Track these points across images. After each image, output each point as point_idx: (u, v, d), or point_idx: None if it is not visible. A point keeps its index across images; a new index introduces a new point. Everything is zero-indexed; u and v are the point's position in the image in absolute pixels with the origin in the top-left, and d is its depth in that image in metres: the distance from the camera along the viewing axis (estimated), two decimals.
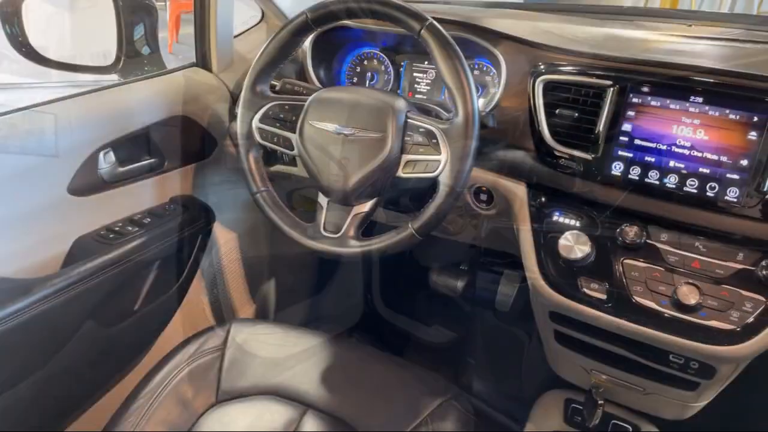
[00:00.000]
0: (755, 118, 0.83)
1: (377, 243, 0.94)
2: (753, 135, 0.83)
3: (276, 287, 1.74)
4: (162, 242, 1.22)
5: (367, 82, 1.30)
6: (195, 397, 1.06)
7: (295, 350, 1.13)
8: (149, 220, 1.21)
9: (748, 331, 0.84)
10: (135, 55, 1.31)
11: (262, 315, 1.71)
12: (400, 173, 0.93)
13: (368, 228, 0.99)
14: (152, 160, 1.25)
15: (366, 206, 0.97)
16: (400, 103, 0.95)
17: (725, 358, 0.87)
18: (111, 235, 1.14)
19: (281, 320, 1.73)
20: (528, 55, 1.03)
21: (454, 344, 1.86)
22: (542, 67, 0.99)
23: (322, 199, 1.00)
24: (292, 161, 1.19)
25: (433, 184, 0.91)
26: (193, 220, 1.31)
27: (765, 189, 0.83)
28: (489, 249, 1.48)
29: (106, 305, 1.13)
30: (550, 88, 0.97)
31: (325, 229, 0.98)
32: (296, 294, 1.86)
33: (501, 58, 1.07)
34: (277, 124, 1.02)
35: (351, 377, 1.09)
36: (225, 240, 1.51)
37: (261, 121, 1.03)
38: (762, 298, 0.84)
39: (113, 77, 1.30)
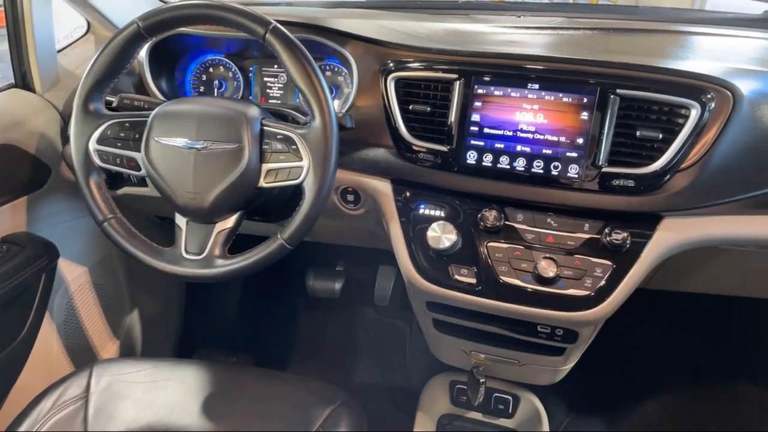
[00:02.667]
0: (585, 100, 0.91)
1: (246, 259, 0.89)
2: (585, 115, 0.91)
3: (140, 319, 1.61)
4: None
5: (216, 90, 1.24)
6: None
7: (170, 384, 1.05)
8: None
9: (601, 295, 0.92)
10: None
11: (127, 352, 1.57)
12: (262, 183, 0.90)
13: (237, 242, 0.94)
14: None
15: (230, 221, 0.92)
16: (254, 111, 0.92)
17: (585, 321, 0.95)
18: None
19: (150, 354, 1.61)
20: (376, 54, 1.04)
21: (338, 347, 1.85)
22: (391, 64, 1.00)
23: (180, 220, 0.93)
24: (142, 181, 1.10)
25: (299, 190, 0.89)
26: (33, 259, 1.16)
27: (600, 163, 0.91)
28: (362, 247, 1.49)
29: None
30: (401, 84, 0.99)
31: (186, 251, 0.92)
32: (164, 323, 1.74)
33: (351, 58, 1.07)
34: (119, 144, 0.94)
35: (234, 401, 1.03)
36: (74, 276, 1.36)
37: (99, 142, 0.94)
38: (609, 263, 0.93)
39: None
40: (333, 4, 1.45)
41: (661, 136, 0.88)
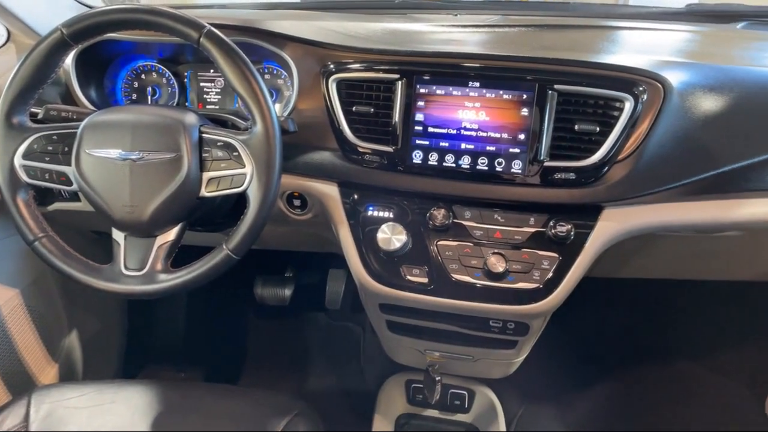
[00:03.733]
0: (524, 96, 0.92)
1: (190, 272, 0.86)
2: (525, 111, 0.92)
3: (80, 340, 1.53)
4: None
5: (149, 98, 1.19)
6: None
7: (115, 407, 1.00)
8: None
9: (549, 286, 0.94)
10: None
11: (67, 376, 1.49)
12: (204, 193, 0.87)
13: (180, 255, 0.91)
14: None
15: (171, 234, 0.88)
16: (191, 117, 0.88)
17: (535, 314, 0.97)
18: None
19: (93, 377, 1.54)
20: (316, 56, 1.02)
21: (291, 355, 1.81)
22: (332, 66, 0.99)
23: (118, 235, 0.89)
24: (74, 196, 1.05)
25: (243, 198, 0.86)
26: None
27: (541, 158, 0.92)
28: (311, 252, 1.46)
29: None
30: (343, 86, 0.98)
31: (126, 267, 0.88)
32: (106, 343, 1.66)
33: (290, 60, 1.05)
34: (47, 159, 0.88)
35: (185, 420, 1.00)
36: (5, 299, 1.28)
37: (25, 157, 0.88)
38: (555, 255, 0.95)
39: None
40: (269, 5, 1.42)
41: (598, 129, 0.91)
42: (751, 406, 1.61)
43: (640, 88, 0.90)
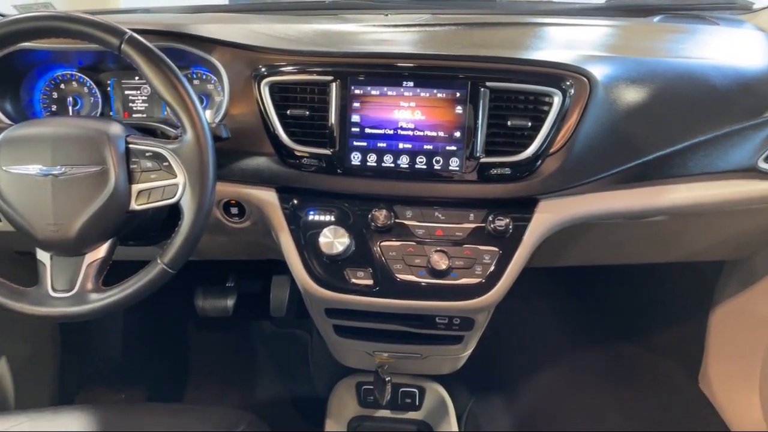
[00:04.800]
0: (458, 94, 0.93)
1: (124, 290, 0.82)
2: (459, 109, 0.93)
3: (9, 368, 1.44)
4: None
5: (71, 109, 1.12)
6: None
7: None
8: None
9: (492, 280, 0.96)
10: None
11: None
12: (134, 206, 0.83)
13: (113, 272, 0.87)
14: None
15: (101, 251, 0.84)
16: (116, 128, 0.84)
17: (479, 308, 0.98)
18: None
19: (26, 405, 1.45)
20: (246, 59, 1.00)
21: (237, 367, 1.77)
22: (263, 69, 0.97)
23: (43, 255, 0.84)
24: None
25: (177, 209, 0.83)
26: None
27: (477, 154, 0.94)
28: (253, 260, 1.43)
29: None
30: (276, 89, 0.96)
31: (54, 288, 0.83)
32: (38, 369, 1.57)
33: (219, 64, 1.02)
34: None
35: None
36: None
37: None
38: (496, 249, 0.96)
39: None
40: (194, 9, 1.38)
41: (530, 124, 0.93)
42: (686, 382, 1.70)
43: (567, 83, 0.93)
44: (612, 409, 1.59)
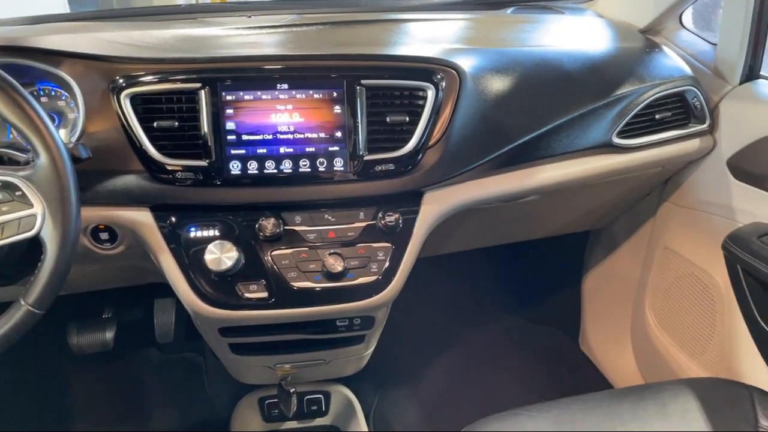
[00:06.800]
0: (334, 94, 0.92)
1: None
2: (338, 109, 0.93)
3: None
4: None
5: None
6: None
7: None
8: None
9: (388, 276, 0.96)
10: None
11: None
12: None
13: None
14: None
15: None
16: None
17: (378, 305, 0.98)
18: None
19: None
20: (101, 71, 0.91)
21: (126, 402, 1.63)
22: (121, 81, 0.89)
23: None
24: None
25: (38, 242, 0.74)
26: None
27: (360, 153, 0.94)
28: (132, 286, 1.33)
29: None
30: (138, 101, 0.89)
31: None
32: None
33: (69, 78, 0.92)
34: None
35: None
36: None
37: None
38: (389, 245, 0.97)
39: None
40: (32, 19, 1.23)
41: (407, 119, 0.95)
42: (567, 345, 1.83)
43: (438, 76, 0.96)
44: (511, 384, 1.67)
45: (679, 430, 0.89)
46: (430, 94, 0.95)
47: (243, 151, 0.91)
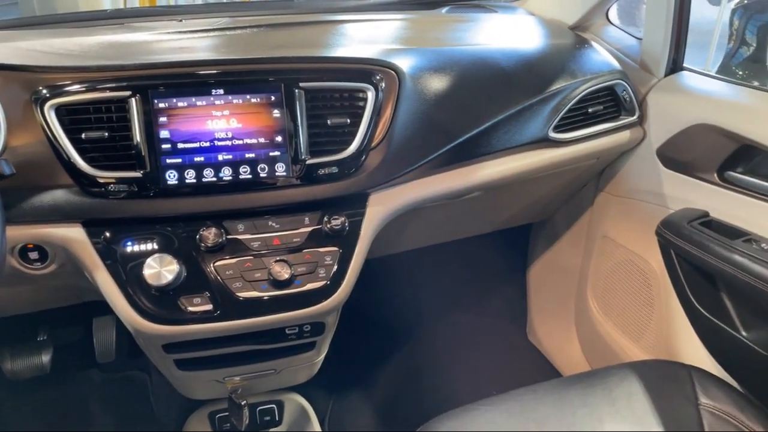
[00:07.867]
0: (273, 98, 0.91)
1: None
2: (277, 113, 0.91)
3: None
4: None
5: None
6: None
7: None
8: None
9: (337, 280, 0.95)
10: None
11: None
12: None
13: None
14: None
15: None
16: None
17: (327, 310, 0.97)
18: None
19: None
20: (21, 81, 0.86)
21: (69, 426, 1.55)
22: (44, 91, 0.84)
23: None
24: None
25: None
26: None
27: (302, 157, 0.92)
28: (67, 306, 1.26)
29: None
30: (64, 112, 0.84)
31: None
32: None
33: None
34: None
35: None
36: None
37: None
38: (336, 248, 0.96)
39: None
40: None
41: (349, 120, 0.94)
42: (515, 335, 1.87)
43: (378, 77, 0.96)
44: (463, 378, 1.69)
45: (625, 413, 0.93)
46: (371, 95, 0.95)
47: (179, 160, 0.88)
